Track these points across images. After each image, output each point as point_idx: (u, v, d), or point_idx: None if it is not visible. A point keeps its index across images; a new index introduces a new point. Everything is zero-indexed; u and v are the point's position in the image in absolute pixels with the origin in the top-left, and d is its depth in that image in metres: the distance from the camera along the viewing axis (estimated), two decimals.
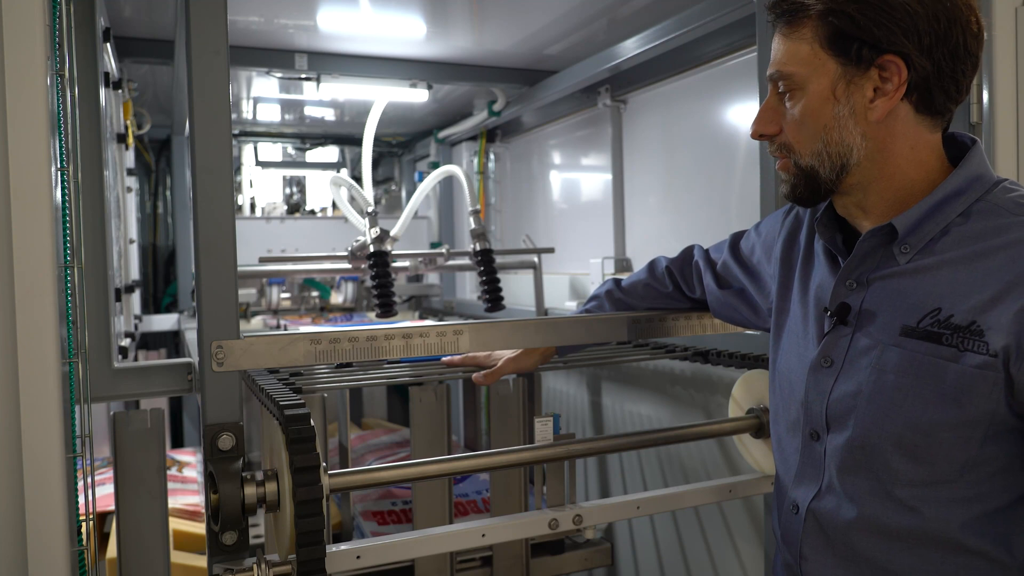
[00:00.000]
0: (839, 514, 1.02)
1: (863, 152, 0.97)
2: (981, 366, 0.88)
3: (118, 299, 1.93)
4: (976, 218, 0.94)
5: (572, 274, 3.06)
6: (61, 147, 1.13)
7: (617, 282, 1.55)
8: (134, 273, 2.96)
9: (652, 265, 1.53)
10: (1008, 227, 0.91)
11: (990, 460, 0.91)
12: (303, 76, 2.68)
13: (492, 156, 3.81)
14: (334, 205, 3.96)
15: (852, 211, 1.04)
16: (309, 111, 3.71)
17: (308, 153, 4.48)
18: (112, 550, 1.62)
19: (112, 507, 1.36)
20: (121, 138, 2.46)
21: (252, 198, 4.30)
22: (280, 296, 3.34)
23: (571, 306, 2.75)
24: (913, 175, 0.98)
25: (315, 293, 3.43)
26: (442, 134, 3.83)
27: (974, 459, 0.91)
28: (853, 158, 0.98)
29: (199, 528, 2.14)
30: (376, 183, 4.55)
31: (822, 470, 1.04)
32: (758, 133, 1.06)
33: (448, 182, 3.86)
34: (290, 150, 4.47)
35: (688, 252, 1.50)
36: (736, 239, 1.39)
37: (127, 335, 2.28)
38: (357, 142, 3.85)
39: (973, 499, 0.93)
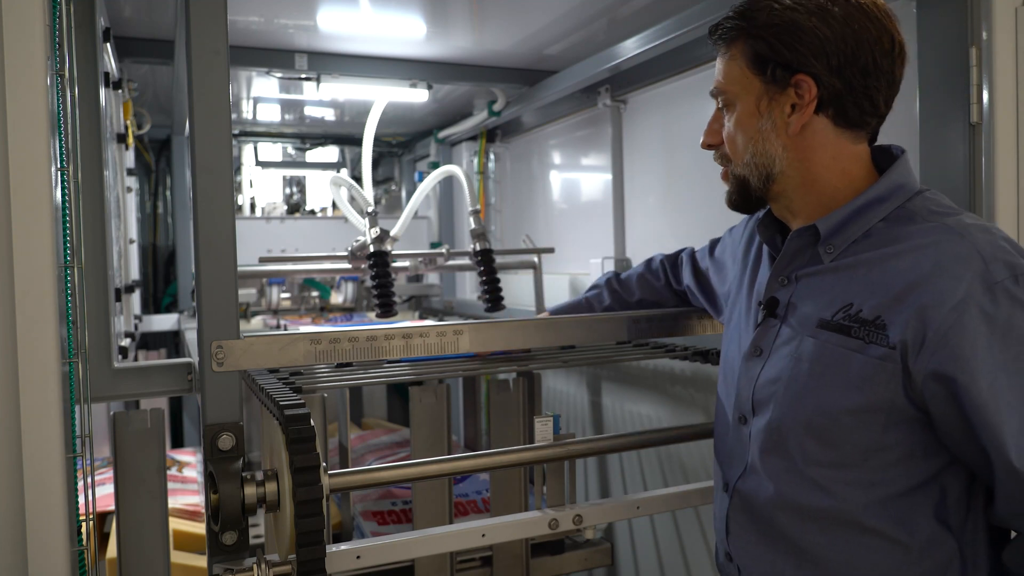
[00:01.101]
0: (759, 493, 1.10)
1: (785, 162, 1.07)
2: (882, 357, 0.96)
3: (118, 299, 1.93)
4: (893, 223, 1.02)
5: (572, 274, 3.06)
6: (61, 147, 1.13)
7: (617, 274, 1.67)
8: (134, 273, 2.96)
9: (649, 260, 1.65)
10: (917, 232, 0.99)
11: (892, 447, 0.98)
12: (303, 76, 2.67)
13: (492, 156, 3.80)
14: (334, 205, 3.96)
15: (784, 215, 1.14)
16: (309, 111, 3.71)
17: (308, 153, 4.48)
18: (112, 550, 1.62)
19: (112, 507, 1.36)
20: (121, 138, 2.46)
21: (252, 198, 4.29)
22: (280, 296, 3.34)
23: None
24: (836, 183, 1.06)
25: (315, 293, 3.43)
26: (442, 134, 3.83)
27: (877, 445, 0.99)
28: (776, 167, 1.07)
29: (199, 528, 2.14)
30: (376, 183, 4.55)
31: (747, 452, 1.12)
32: (706, 144, 1.16)
33: (448, 182, 3.86)
34: (290, 150, 4.47)
35: (680, 251, 1.62)
36: (715, 241, 1.49)
37: (127, 335, 2.28)
38: (357, 142, 3.84)
39: (877, 483, 1.00)
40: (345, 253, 2.53)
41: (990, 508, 0.99)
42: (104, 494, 1.95)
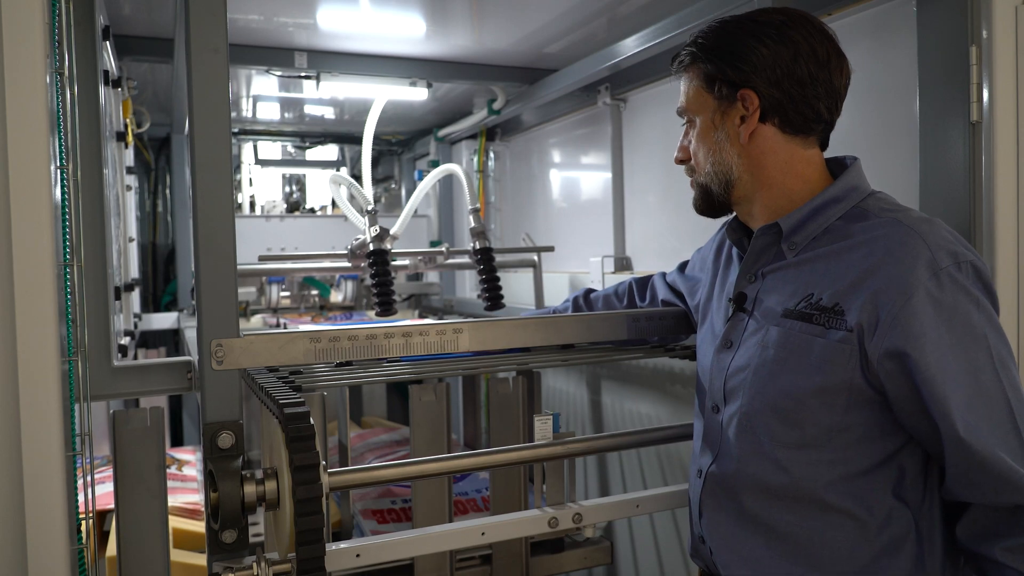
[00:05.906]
0: (728, 475, 1.18)
1: (741, 168, 1.18)
2: (841, 340, 1.04)
3: (118, 297, 1.93)
4: (849, 220, 1.12)
5: (572, 273, 3.06)
6: (60, 145, 1.13)
7: (590, 291, 1.79)
8: (134, 271, 2.95)
9: (620, 283, 1.77)
10: (870, 227, 1.08)
11: (852, 427, 1.07)
12: (303, 74, 2.67)
13: (492, 154, 3.80)
14: (334, 203, 3.96)
15: (748, 219, 1.24)
16: (309, 109, 3.71)
17: (308, 151, 4.47)
18: (112, 548, 1.62)
19: (112, 505, 1.36)
20: (120, 136, 2.45)
21: (252, 196, 4.29)
22: (280, 294, 3.33)
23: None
24: (791, 185, 1.16)
25: (315, 291, 3.42)
26: (442, 132, 3.83)
27: (839, 425, 1.07)
28: (734, 174, 1.18)
29: (199, 526, 2.14)
30: (376, 181, 4.55)
31: (719, 438, 1.20)
32: (678, 159, 1.27)
33: (448, 180, 3.86)
34: (290, 148, 4.46)
35: (652, 274, 1.73)
36: (684, 263, 1.61)
37: (127, 333, 2.28)
38: (357, 140, 3.84)
39: (837, 462, 1.08)
40: (345, 251, 2.54)
41: (942, 486, 1.07)
42: (104, 492, 1.95)
